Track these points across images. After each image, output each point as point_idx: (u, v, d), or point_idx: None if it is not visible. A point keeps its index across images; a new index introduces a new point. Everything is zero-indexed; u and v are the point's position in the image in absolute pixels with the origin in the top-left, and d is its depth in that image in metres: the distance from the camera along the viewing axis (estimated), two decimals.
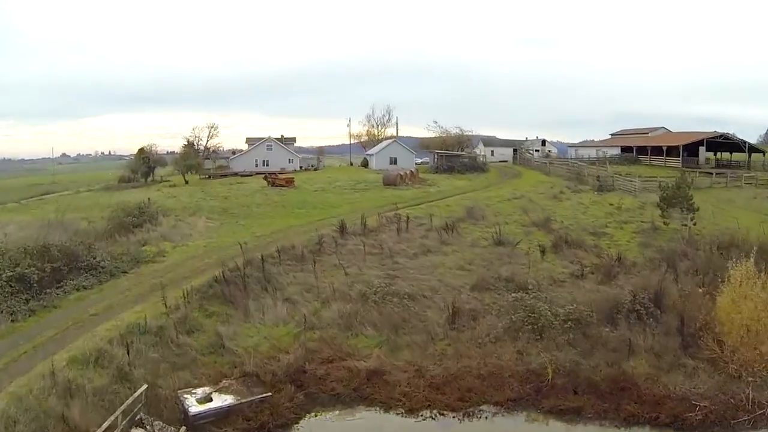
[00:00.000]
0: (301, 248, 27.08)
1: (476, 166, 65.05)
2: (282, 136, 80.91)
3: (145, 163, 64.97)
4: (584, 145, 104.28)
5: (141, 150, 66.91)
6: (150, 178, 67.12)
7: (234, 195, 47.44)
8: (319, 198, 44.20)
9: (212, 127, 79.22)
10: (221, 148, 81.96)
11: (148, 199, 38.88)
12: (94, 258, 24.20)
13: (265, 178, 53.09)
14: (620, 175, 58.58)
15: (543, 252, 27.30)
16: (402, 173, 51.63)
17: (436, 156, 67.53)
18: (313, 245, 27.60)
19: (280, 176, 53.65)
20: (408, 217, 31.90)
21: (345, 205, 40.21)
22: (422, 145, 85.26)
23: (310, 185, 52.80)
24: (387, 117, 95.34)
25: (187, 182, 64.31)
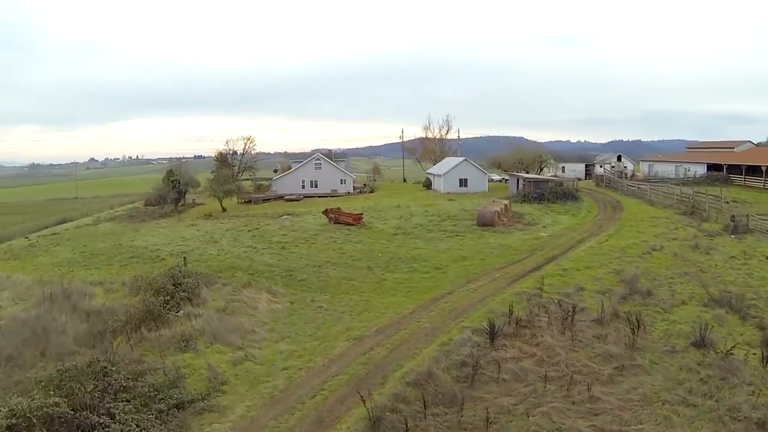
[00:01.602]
0: (440, 373, 16.84)
1: (567, 193, 53.81)
2: (330, 151, 70.37)
3: (175, 187, 54.88)
4: (660, 159, 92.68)
5: (170, 172, 56.75)
6: (181, 204, 57.31)
7: (292, 240, 37.06)
8: (407, 249, 33.48)
9: (248, 140, 69.82)
10: (253, 150, 72.50)
11: (184, 259, 28.65)
12: (111, 418, 13.95)
13: (326, 213, 42.62)
14: (728, 201, 48.11)
15: (766, 362, 17.64)
16: (498, 209, 40.80)
17: (521, 182, 56.49)
18: (457, 367, 17.25)
19: (345, 212, 43.03)
20: (574, 309, 21.09)
21: (450, 265, 29.48)
22: (492, 163, 74.23)
23: (381, 222, 42.14)
24: (447, 128, 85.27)
25: (224, 209, 54.47)
